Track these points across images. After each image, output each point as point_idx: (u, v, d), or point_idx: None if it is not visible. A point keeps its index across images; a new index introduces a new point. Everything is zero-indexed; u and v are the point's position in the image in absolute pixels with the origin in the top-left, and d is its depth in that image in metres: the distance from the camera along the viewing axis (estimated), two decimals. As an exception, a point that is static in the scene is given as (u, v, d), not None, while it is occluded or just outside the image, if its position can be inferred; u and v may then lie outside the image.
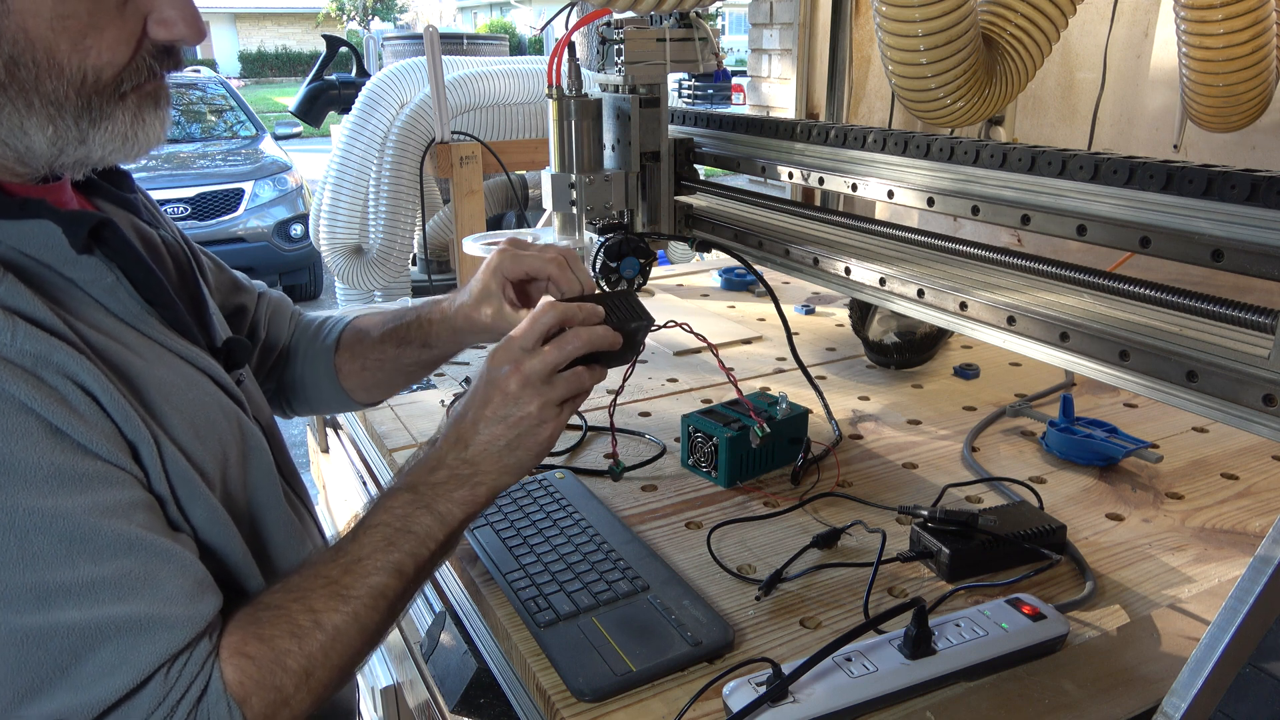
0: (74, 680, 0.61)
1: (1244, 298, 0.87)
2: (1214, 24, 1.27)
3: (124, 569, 0.64)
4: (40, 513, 0.61)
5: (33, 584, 0.60)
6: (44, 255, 0.70)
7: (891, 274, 1.26)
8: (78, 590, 0.62)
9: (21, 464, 0.61)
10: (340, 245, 3.50)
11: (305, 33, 31.84)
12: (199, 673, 0.66)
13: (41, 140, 0.69)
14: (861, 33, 2.40)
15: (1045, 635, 0.87)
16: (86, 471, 0.64)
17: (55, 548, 0.61)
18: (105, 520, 0.64)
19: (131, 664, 0.63)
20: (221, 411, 0.82)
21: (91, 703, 0.61)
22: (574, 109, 1.55)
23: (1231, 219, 0.87)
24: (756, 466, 1.25)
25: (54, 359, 0.64)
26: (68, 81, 0.68)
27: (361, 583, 0.75)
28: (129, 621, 0.63)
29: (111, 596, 0.63)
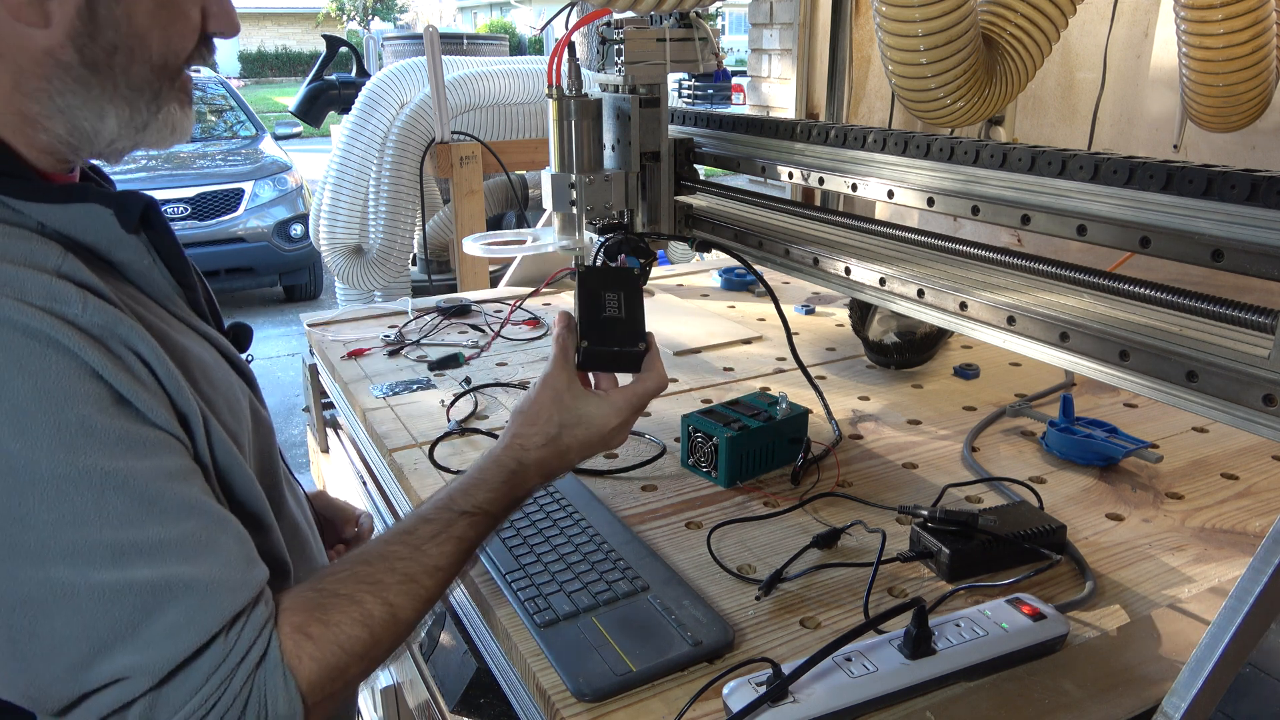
0: (144, 638, 0.62)
1: (1244, 298, 0.87)
2: (1214, 24, 1.27)
3: (189, 532, 0.66)
4: (114, 473, 0.63)
5: (109, 541, 0.62)
6: (89, 237, 0.72)
7: (891, 274, 1.26)
8: (149, 549, 0.63)
9: (96, 427, 0.63)
10: (340, 245, 3.50)
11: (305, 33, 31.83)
12: (257, 638, 0.67)
13: (113, 124, 0.73)
14: (861, 33, 2.40)
15: (1045, 635, 0.87)
16: (150, 438, 0.66)
17: (128, 508, 0.63)
18: (170, 484, 0.66)
19: (198, 624, 0.64)
20: (240, 391, 0.84)
21: (158, 662, 0.63)
22: (574, 109, 1.55)
23: (1231, 219, 0.87)
24: (756, 466, 1.25)
25: (118, 331, 0.66)
26: (151, 68, 0.73)
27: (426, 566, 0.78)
28: (196, 582, 0.65)
29: (178, 558, 0.64)
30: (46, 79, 0.70)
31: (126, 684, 0.62)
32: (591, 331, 0.92)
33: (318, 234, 3.54)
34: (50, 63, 0.69)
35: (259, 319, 6.30)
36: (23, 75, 0.69)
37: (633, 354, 0.91)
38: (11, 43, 0.68)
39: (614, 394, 0.90)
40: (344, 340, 1.80)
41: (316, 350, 1.84)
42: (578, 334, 0.91)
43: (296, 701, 0.67)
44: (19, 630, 0.61)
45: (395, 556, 0.77)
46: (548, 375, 0.89)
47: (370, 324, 1.91)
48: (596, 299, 0.94)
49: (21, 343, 0.61)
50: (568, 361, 0.90)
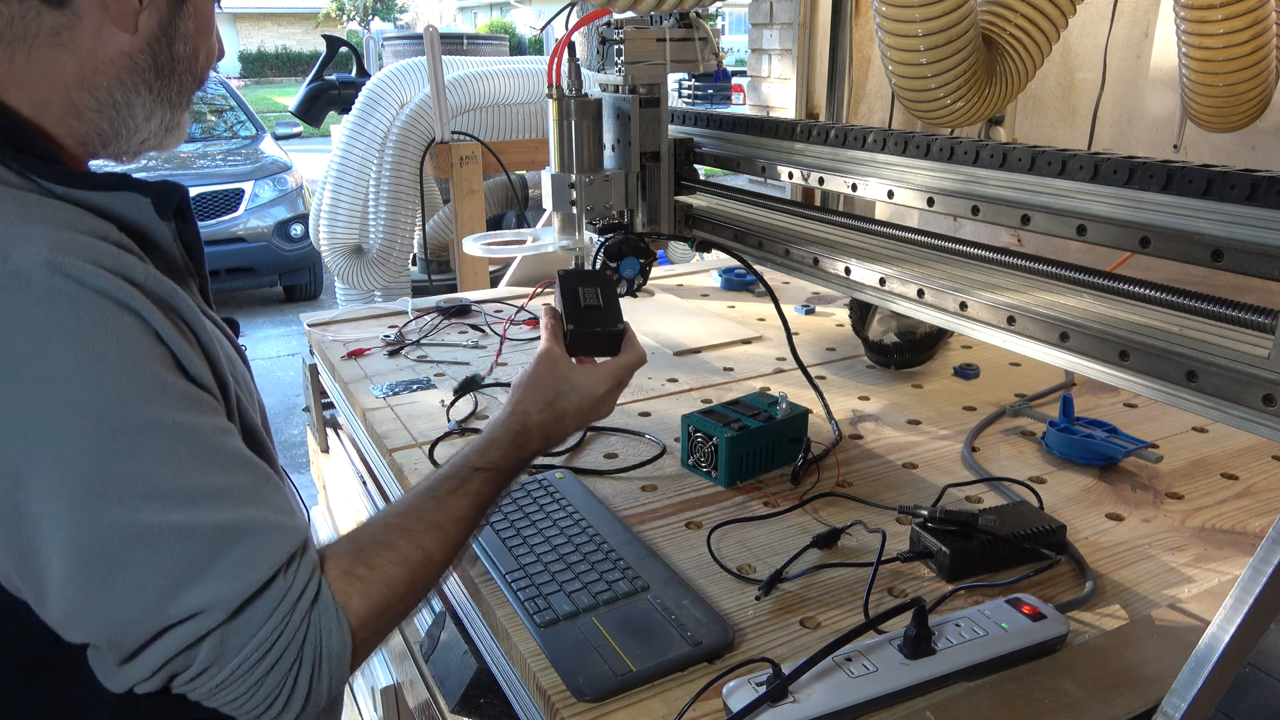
0: (217, 574, 0.67)
1: (1244, 298, 0.87)
2: (1214, 24, 1.27)
3: (243, 482, 0.71)
4: (182, 426, 0.68)
5: (181, 487, 0.67)
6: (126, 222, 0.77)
7: (891, 274, 1.26)
8: (213, 496, 0.68)
9: (166, 383, 0.68)
10: (340, 245, 3.50)
11: (305, 33, 31.82)
12: (310, 578, 0.72)
13: (154, 125, 0.81)
14: (861, 33, 2.40)
15: (1045, 635, 0.87)
16: (204, 398, 0.72)
17: (194, 457, 0.68)
18: (225, 439, 0.72)
19: (263, 561, 0.69)
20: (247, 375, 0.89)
21: (231, 595, 0.67)
22: (574, 109, 1.55)
23: (1231, 219, 0.87)
24: (756, 466, 1.25)
25: (174, 301, 0.72)
26: (195, 78, 0.82)
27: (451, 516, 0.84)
28: (256, 524, 0.70)
29: (238, 504, 0.70)
30: (116, 78, 0.76)
31: (202, 618, 0.66)
32: (575, 318, 1.01)
33: (318, 234, 3.54)
34: (125, 64, 0.77)
35: (259, 319, 6.30)
36: (91, 72, 0.75)
37: (614, 333, 1.01)
38: (91, 42, 0.74)
39: (600, 367, 1.00)
40: (344, 340, 1.80)
41: (316, 350, 1.85)
42: (563, 320, 1.02)
43: (348, 638, 0.73)
44: (107, 570, 0.64)
45: (422, 508, 0.83)
46: (542, 351, 0.98)
47: (370, 324, 1.91)
48: (576, 293, 1.04)
49: (101, 303, 0.66)
50: (558, 340, 0.99)
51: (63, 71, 0.74)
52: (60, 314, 0.64)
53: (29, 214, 0.67)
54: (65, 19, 0.73)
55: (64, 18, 0.73)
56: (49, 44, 0.73)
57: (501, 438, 0.91)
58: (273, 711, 0.70)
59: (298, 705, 0.70)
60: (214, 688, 0.68)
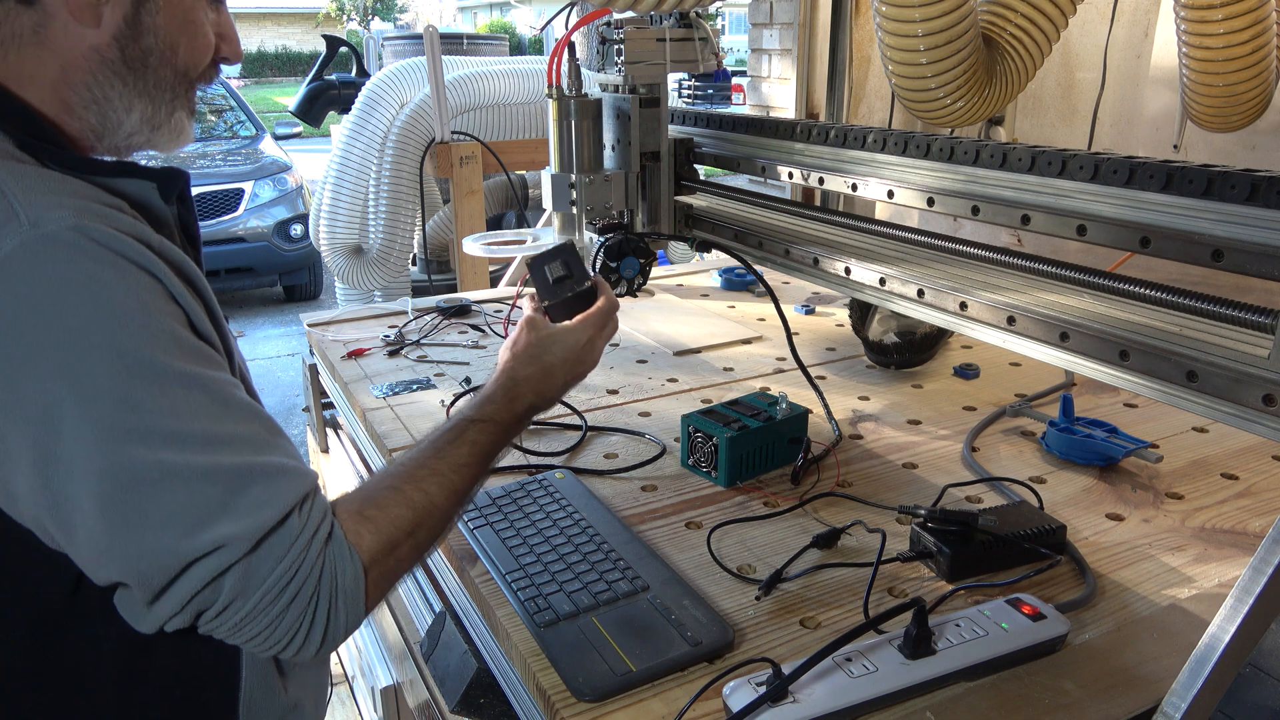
0: (236, 510, 0.70)
1: (1244, 298, 0.87)
2: (1214, 24, 1.27)
3: (256, 430, 0.75)
4: (198, 376, 0.72)
5: (200, 431, 0.71)
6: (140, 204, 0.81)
7: (891, 274, 1.26)
8: (229, 441, 0.72)
9: (181, 338, 0.73)
10: (340, 245, 3.50)
11: (305, 33, 31.81)
12: (324, 517, 0.75)
13: (136, 118, 0.83)
14: (861, 33, 2.40)
15: (1045, 635, 0.87)
16: (214, 356, 0.76)
17: (210, 405, 0.72)
18: (236, 391, 0.76)
19: (278, 499, 0.72)
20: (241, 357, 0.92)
21: (250, 529, 0.70)
22: (574, 109, 1.55)
23: (1231, 219, 0.87)
24: (756, 466, 1.25)
25: (185, 267, 0.77)
26: (175, 72, 0.84)
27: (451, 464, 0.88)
28: (269, 467, 0.73)
29: (253, 449, 0.74)
30: (91, 72, 0.79)
31: (225, 551, 0.69)
32: (549, 293, 1.08)
33: (318, 234, 3.54)
34: (95, 59, 0.79)
35: (259, 319, 6.30)
36: (70, 68, 0.79)
37: (585, 290, 1.08)
38: (64, 38, 0.77)
39: (577, 320, 1.05)
40: (344, 340, 1.80)
41: (316, 350, 1.85)
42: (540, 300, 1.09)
43: (360, 575, 0.76)
44: (133, 506, 0.68)
45: (423, 459, 0.88)
46: (524, 319, 1.04)
47: (370, 324, 1.91)
48: (544, 272, 1.10)
49: (122, 263, 0.71)
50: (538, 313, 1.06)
51: (48, 68, 0.78)
52: (87, 271, 0.69)
53: (54, 188, 0.72)
54: (39, 17, 0.76)
55: (38, 16, 0.76)
56: (33, 42, 0.77)
57: (495, 393, 0.96)
58: (295, 645, 0.73)
59: (317, 639, 0.74)
60: (239, 622, 0.71)
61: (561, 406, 1.49)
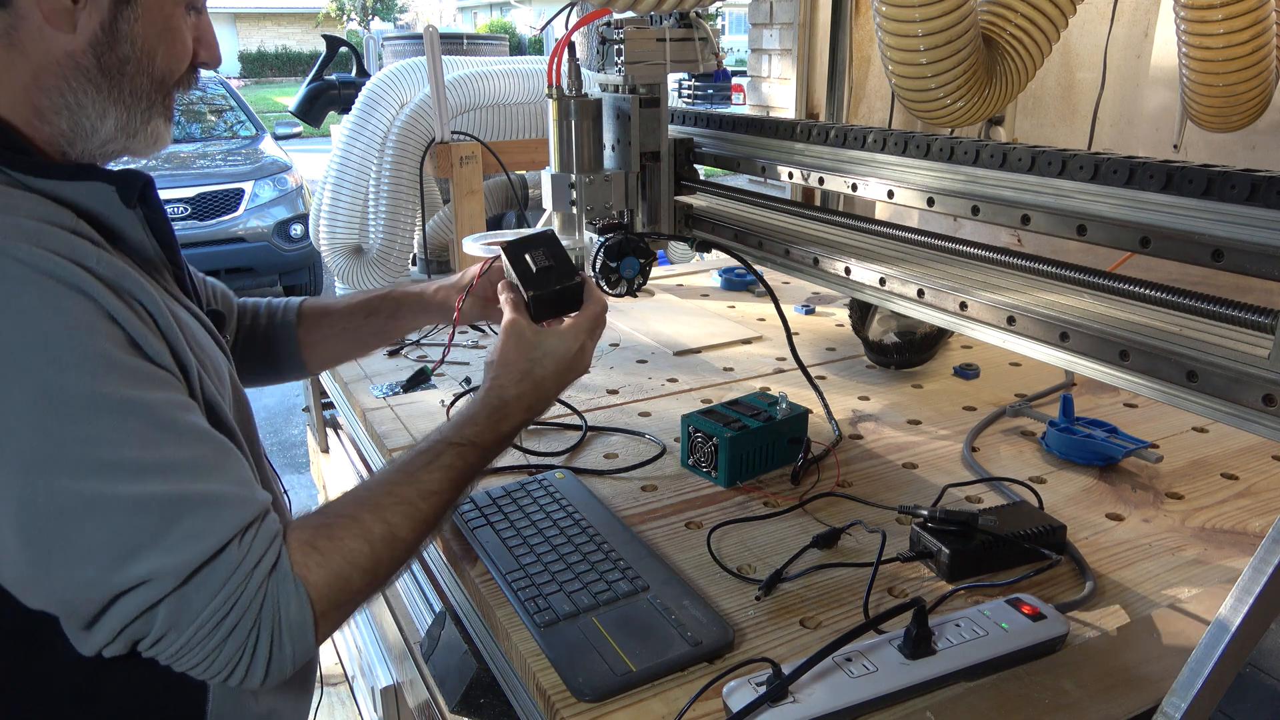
0: (166, 543, 0.69)
1: (1244, 298, 0.87)
2: (1214, 24, 1.27)
3: (200, 455, 0.73)
4: (134, 401, 0.70)
5: (132, 460, 0.69)
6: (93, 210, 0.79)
7: (891, 274, 1.26)
8: (166, 468, 0.70)
9: (117, 360, 0.70)
10: (340, 245, 3.49)
11: (305, 33, 31.80)
12: (269, 546, 0.73)
13: (111, 126, 0.81)
14: (861, 33, 2.40)
15: (1045, 635, 0.87)
16: (159, 375, 0.74)
17: (147, 431, 0.70)
18: (181, 414, 0.74)
19: (213, 531, 0.70)
20: (222, 362, 0.90)
21: (180, 563, 0.69)
22: (574, 109, 1.55)
23: (1231, 219, 0.87)
24: (756, 466, 1.25)
25: (125, 283, 0.74)
26: (151, 80, 0.82)
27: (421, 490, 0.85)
28: (208, 496, 0.72)
29: (192, 476, 0.72)
30: (64, 78, 0.78)
31: (152, 585, 0.68)
32: (533, 283, 1.02)
33: (318, 234, 3.53)
34: (70, 65, 0.78)
35: (259, 319, 6.29)
36: (42, 72, 0.77)
37: (573, 287, 1.02)
38: (38, 43, 0.76)
39: (568, 326, 1.01)
40: (344, 340, 1.80)
41: (316, 350, 1.84)
42: (522, 292, 1.02)
43: (307, 609, 0.74)
44: (56, 538, 0.67)
45: (391, 483, 0.85)
46: (507, 324, 0.98)
47: (370, 324, 1.90)
48: (526, 261, 1.03)
49: (50, 285, 0.68)
50: (521, 311, 1.00)
51: (19, 72, 0.76)
52: (6, 295, 0.67)
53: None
54: (11, 19, 0.75)
55: (10, 18, 0.75)
56: (3, 44, 0.75)
57: (479, 413, 0.93)
58: (236, 675, 0.72)
59: (260, 670, 0.73)
60: (176, 652, 0.70)
61: (561, 406, 1.49)
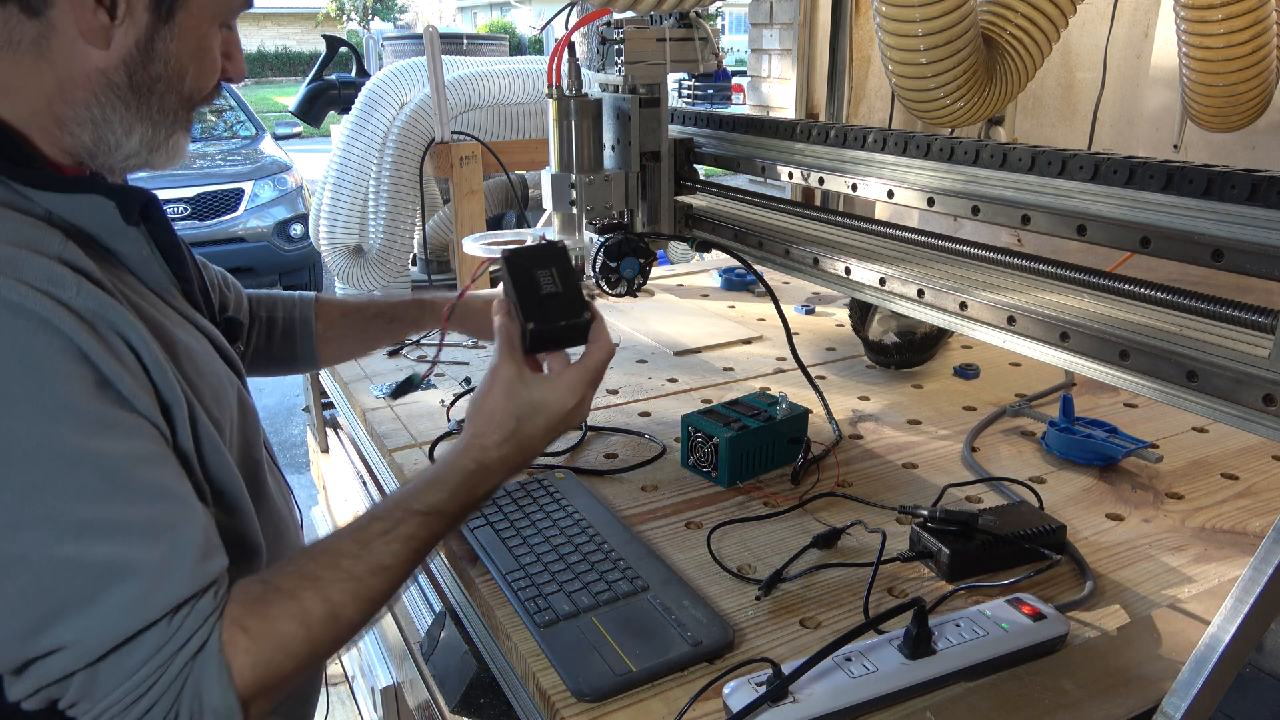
0: (90, 614, 0.64)
1: (1244, 298, 0.87)
2: (1214, 24, 1.27)
3: (152, 515, 0.68)
4: (88, 452, 0.66)
5: (74, 516, 0.65)
6: (91, 227, 0.76)
7: (891, 274, 1.26)
8: (110, 528, 0.66)
9: (77, 406, 0.66)
10: (340, 245, 3.49)
11: (305, 33, 31.81)
12: (200, 627, 0.68)
13: (136, 142, 0.79)
14: (861, 33, 2.40)
15: (1045, 635, 0.87)
16: (127, 422, 0.69)
17: (98, 486, 0.66)
18: (141, 468, 0.69)
19: (143, 606, 0.66)
20: (229, 381, 0.87)
21: (98, 639, 0.65)
22: (574, 109, 1.55)
23: (1231, 219, 0.87)
24: (756, 466, 1.25)
25: (109, 315, 0.70)
26: (179, 98, 0.81)
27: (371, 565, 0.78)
28: (148, 565, 0.67)
29: (138, 539, 0.67)
30: (92, 92, 0.76)
31: (68, 654, 0.64)
32: (534, 312, 0.87)
33: (318, 234, 3.53)
34: (101, 80, 0.76)
35: (259, 319, 6.29)
36: (69, 85, 0.75)
37: (580, 325, 0.88)
38: (69, 56, 0.74)
39: (566, 374, 0.87)
40: (344, 340, 1.80)
41: (316, 350, 1.84)
42: (520, 318, 0.88)
43: (231, 694, 0.68)
44: None
45: (341, 553, 0.77)
46: (496, 369, 0.86)
47: (370, 324, 1.91)
48: (531, 279, 0.89)
49: (13, 320, 0.64)
50: (514, 350, 0.87)
51: (45, 81, 0.74)
52: None
53: None
54: (43, 28, 0.72)
55: (42, 27, 0.72)
56: (31, 52, 0.73)
57: (450, 478, 0.83)
58: None
59: None
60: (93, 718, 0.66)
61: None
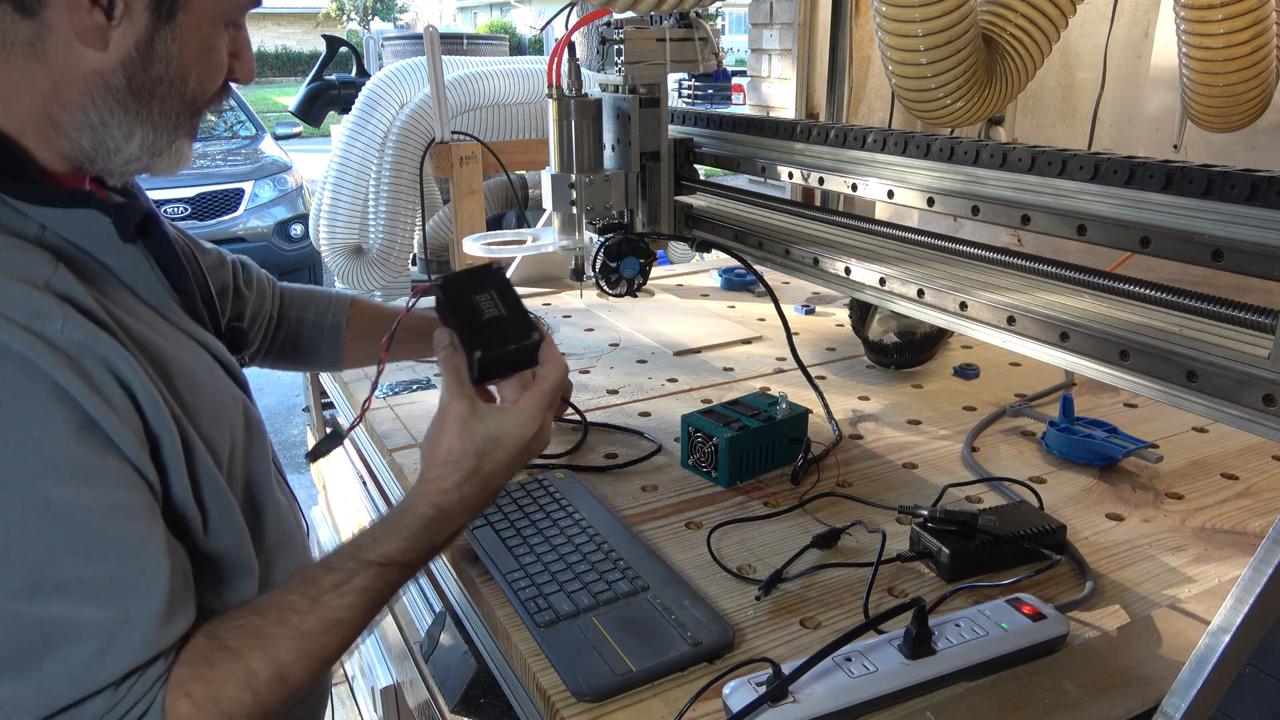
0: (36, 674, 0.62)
1: (1244, 298, 0.87)
2: (1214, 24, 1.27)
3: (115, 573, 0.66)
4: (57, 502, 0.63)
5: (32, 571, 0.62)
6: (86, 243, 0.74)
7: (891, 274, 1.26)
8: (68, 585, 0.64)
9: (50, 451, 0.63)
10: (340, 245, 3.49)
11: (305, 33, 31.82)
12: (144, 695, 0.66)
13: (136, 146, 0.76)
14: (861, 33, 2.40)
15: (1045, 635, 0.87)
16: (105, 469, 0.66)
17: (63, 538, 0.63)
18: (111, 521, 0.66)
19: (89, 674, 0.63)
20: (231, 396, 0.86)
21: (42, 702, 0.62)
22: (574, 109, 1.55)
23: (1231, 219, 0.87)
24: (756, 466, 1.25)
25: (98, 349, 0.67)
26: (182, 101, 0.77)
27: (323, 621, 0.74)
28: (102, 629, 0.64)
29: (97, 598, 0.65)
30: (89, 95, 0.73)
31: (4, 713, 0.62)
32: (479, 339, 0.84)
33: (318, 234, 3.54)
34: (98, 83, 0.73)
35: (259, 319, 6.29)
36: (65, 87, 0.72)
37: (529, 346, 0.86)
38: (65, 57, 0.71)
39: (523, 401, 0.84)
40: (344, 340, 1.80)
41: (316, 350, 1.84)
42: (465, 348, 0.84)
43: None
44: None
45: (291, 609, 0.73)
46: (447, 407, 0.83)
47: (370, 324, 1.90)
48: (470, 306, 0.86)
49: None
50: (462, 383, 0.83)
51: (39, 83, 0.71)
52: None
53: None
54: (38, 29, 0.70)
55: (36, 28, 0.70)
56: (25, 54, 0.70)
57: (408, 524, 0.80)
58: None
59: None
60: None
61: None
